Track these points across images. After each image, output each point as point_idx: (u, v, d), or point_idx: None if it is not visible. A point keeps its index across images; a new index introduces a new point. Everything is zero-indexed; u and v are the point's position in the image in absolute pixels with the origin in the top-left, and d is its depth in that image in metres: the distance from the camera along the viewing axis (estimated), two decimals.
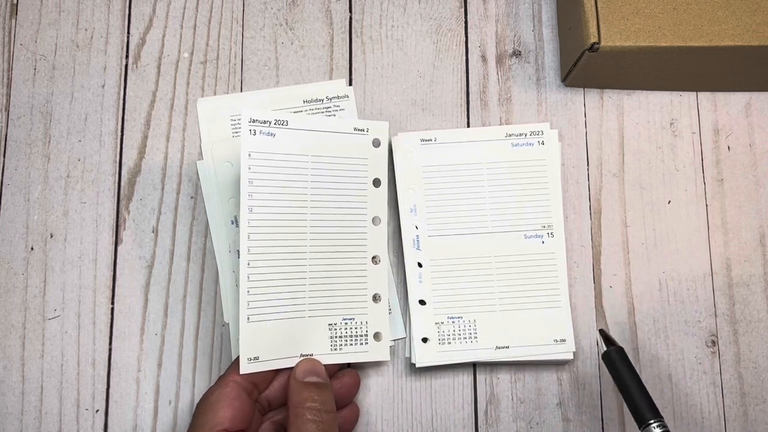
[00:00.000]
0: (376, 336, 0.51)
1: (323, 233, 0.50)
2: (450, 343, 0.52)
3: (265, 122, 0.49)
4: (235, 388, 0.46)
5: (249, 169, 0.48)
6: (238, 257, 0.50)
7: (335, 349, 0.50)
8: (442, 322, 0.52)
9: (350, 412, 0.50)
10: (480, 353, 0.52)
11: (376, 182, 0.52)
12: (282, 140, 0.49)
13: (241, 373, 0.46)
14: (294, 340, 0.49)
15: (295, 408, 0.45)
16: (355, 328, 0.51)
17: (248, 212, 0.48)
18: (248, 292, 0.47)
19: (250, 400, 0.46)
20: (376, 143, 0.52)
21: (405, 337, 0.53)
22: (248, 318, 0.48)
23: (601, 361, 0.52)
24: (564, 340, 0.52)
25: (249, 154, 0.48)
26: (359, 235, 0.51)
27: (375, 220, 0.52)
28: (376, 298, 0.51)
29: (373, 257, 0.52)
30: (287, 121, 0.50)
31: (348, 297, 0.51)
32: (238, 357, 0.47)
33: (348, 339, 0.50)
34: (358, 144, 0.52)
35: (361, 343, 0.51)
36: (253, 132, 0.48)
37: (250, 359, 0.47)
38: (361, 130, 0.52)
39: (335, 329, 0.50)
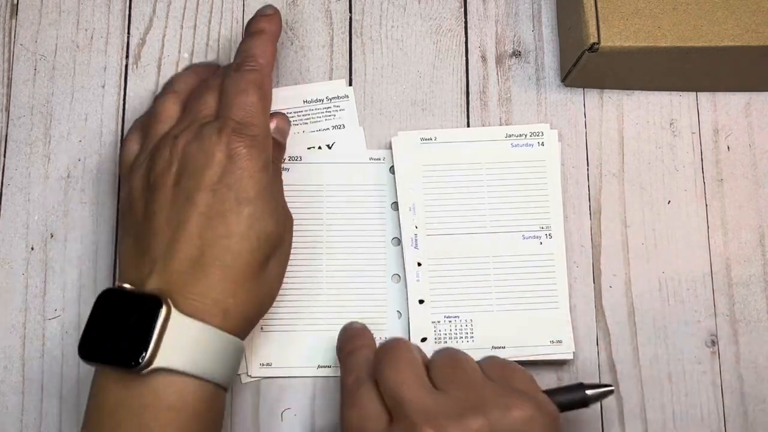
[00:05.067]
0: None
1: (340, 254, 0.53)
2: (446, 342, 0.52)
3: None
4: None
5: None
6: None
7: None
8: (438, 321, 0.52)
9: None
10: (476, 353, 0.52)
11: (394, 206, 0.54)
12: (295, 175, 0.53)
13: (251, 374, 0.50)
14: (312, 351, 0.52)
15: None
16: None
17: None
18: None
19: None
20: (392, 170, 0.54)
21: None
22: (261, 328, 0.51)
23: (601, 361, 0.52)
24: (560, 341, 0.52)
25: None
26: (379, 255, 0.53)
27: (394, 242, 0.54)
28: (399, 314, 0.53)
29: (393, 275, 0.53)
30: (300, 157, 0.54)
31: (366, 312, 0.53)
32: None
33: None
34: (375, 172, 0.54)
35: None
36: None
37: (263, 364, 0.50)
38: (377, 159, 0.55)
39: None
